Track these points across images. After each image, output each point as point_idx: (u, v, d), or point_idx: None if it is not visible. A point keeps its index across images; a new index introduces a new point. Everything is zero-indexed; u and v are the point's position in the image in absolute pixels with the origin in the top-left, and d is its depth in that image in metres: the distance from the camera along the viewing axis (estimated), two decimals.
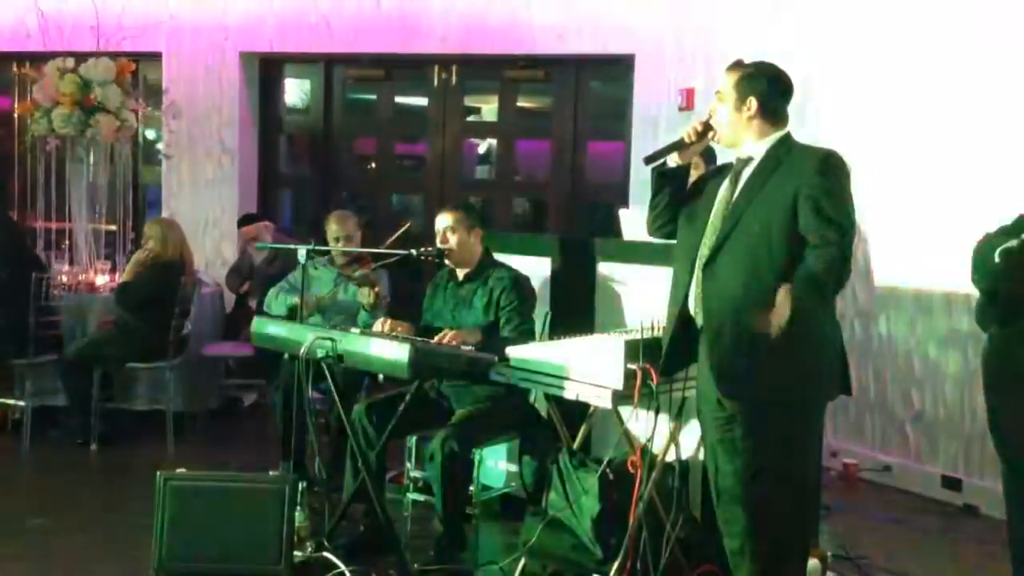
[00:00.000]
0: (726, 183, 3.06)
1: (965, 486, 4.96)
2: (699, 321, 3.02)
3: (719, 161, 3.64)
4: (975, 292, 3.33)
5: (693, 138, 3.13)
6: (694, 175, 3.28)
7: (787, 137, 3.04)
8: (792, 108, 3.08)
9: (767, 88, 3.01)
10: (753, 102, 3.00)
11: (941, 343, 5.09)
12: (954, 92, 5.07)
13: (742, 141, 3.06)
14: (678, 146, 3.16)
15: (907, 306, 5.33)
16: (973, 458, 4.95)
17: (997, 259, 2.45)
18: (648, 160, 3.24)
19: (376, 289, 4.71)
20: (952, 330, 5.05)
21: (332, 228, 5.05)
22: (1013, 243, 2.44)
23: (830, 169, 2.89)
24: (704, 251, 3.01)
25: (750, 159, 3.03)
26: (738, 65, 3.09)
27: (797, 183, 2.87)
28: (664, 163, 3.20)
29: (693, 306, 3.04)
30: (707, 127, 3.12)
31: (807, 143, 3.05)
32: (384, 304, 4.78)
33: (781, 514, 2.94)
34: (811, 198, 2.83)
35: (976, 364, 4.79)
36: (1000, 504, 3.43)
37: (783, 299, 2.78)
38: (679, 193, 3.20)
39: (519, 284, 4.14)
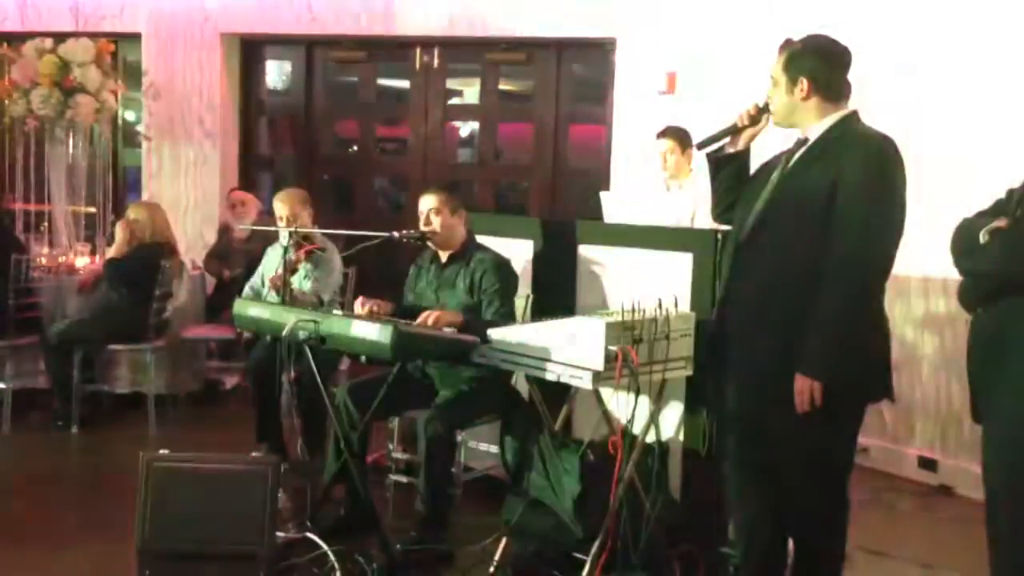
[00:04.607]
0: (779, 167, 2.92)
1: (941, 467, 5.03)
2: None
3: None
4: (952, 276, 3.36)
5: (745, 122, 2.98)
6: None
7: (847, 118, 2.86)
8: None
9: (818, 64, 2.84)
10: (804, 82, 2.83)
11: (918, 327, 5.13)
12: (918, 75, 5.12)
13: (802, 123, 2.89)
14: (731, 131, 3.02)
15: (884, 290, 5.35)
16: (949, 439, 5.01)
17: (984, 239, 2.44)
18: (701, 145, 3.11)
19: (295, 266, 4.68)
20: (929, 314, 5.09)
21: (276, 207, 4.99)
22: (1001, 222, 2.43)
23: (876, 165, 2.72)
24: (741, 235, 2.92)
25: (806, 140, 2.88)
26: (786, 44, 2.90)
27: (837, 175, 2.72)
28: (720, 149, 3.05)
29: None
30: (761, 110, 2.96)
31: (868, 126, 2.88)
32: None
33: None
34: (842, 207, 2.70)
35: (952, 347, 4.88)
36: (975, 484, 3.48)
37: (800, 390, 2.75)
38: (740, 178, 3.04)
39: (501, 267, 4.14)
